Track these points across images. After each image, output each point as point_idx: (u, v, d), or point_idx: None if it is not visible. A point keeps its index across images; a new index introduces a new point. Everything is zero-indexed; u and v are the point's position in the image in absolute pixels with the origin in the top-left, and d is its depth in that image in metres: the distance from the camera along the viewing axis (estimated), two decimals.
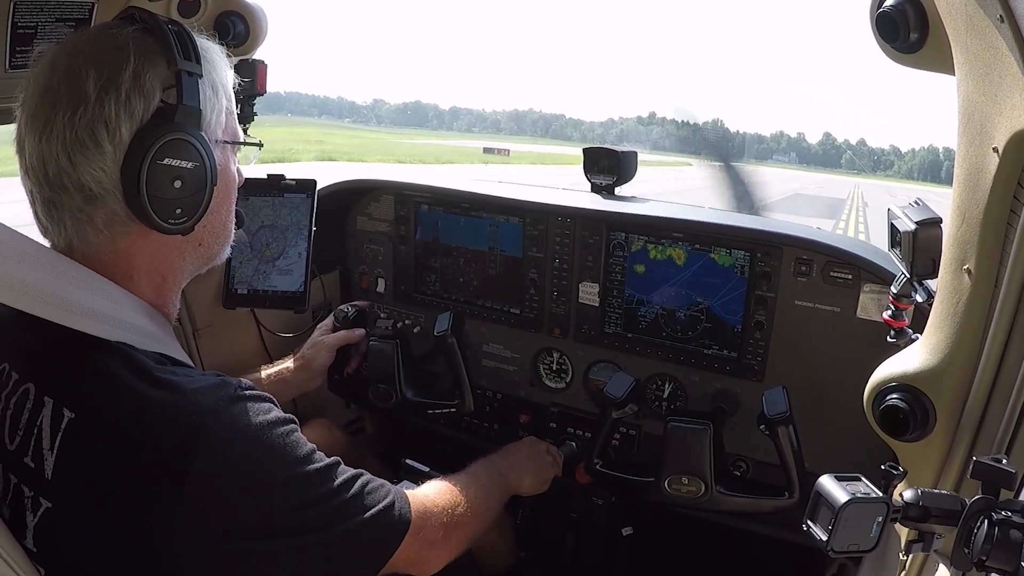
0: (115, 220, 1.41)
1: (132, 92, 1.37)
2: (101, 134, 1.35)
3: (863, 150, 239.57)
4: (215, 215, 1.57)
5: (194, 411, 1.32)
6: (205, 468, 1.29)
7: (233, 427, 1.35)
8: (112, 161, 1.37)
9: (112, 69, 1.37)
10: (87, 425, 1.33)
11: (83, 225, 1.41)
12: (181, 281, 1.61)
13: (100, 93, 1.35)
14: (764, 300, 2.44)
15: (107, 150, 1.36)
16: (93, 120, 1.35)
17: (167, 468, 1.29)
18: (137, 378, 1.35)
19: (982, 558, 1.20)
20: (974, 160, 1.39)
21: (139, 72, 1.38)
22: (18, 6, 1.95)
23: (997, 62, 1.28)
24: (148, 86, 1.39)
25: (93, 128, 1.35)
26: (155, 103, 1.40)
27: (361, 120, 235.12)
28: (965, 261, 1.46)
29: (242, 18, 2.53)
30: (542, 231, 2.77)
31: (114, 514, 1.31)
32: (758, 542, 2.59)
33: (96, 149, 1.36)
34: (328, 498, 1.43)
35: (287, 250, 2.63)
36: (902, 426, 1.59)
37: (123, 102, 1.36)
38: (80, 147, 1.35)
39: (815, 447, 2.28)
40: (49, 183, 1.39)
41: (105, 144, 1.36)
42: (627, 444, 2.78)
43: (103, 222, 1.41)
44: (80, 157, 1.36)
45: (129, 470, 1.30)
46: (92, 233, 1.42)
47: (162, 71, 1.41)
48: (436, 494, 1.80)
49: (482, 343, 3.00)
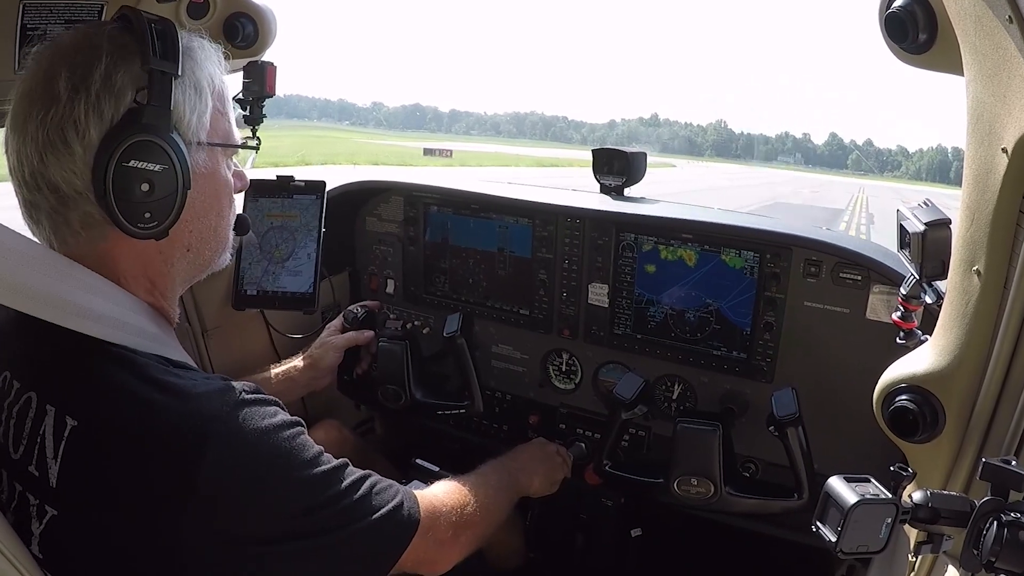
0: (91, 222, 1.40)
1: (102, 92, 1.35)
2: (71, 135, 1.34)
3: (870, 150, 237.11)
4: (202, 220, 1.54)
5: (199, 416, 1.32)
6: (211, 473, 1.28)
7: (239, 431, 1.34)
8: (82, 162, 1.35)
9: (84, 69, 1.35)
10: (90, 432, 1.32)
11: (60, 226, 1.40)
12: (174, 286, 1.58)
13: (71, 93, 1.34)
14: (773, 301, 2.44)
15: (76, 151, 1.34)
16: (63, 121, 1.33)
17: (173, 474, 1.28)
18: (140, 383, 1.34)
19: (991, 559, 1.20)
20: (983, 161, 1.39)
21: (110, 72, 1.36)
22: (27, 8, 1.95)
23: (1006, 63, 1.28)
24: (119, 86, 1.36)
25: (63, 128, 1.33)
26: (126, 103, 1.37)
27: (359, 123, 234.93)
28: (974, 262, 1.45)
29: (251, 20, 2.53)
30: (551, 232, 2.77)
31: (120, 521, 1.31)
32: (767, 543, 2.58)
33: (66, 150, 1.34)
34: (336, 500, 1.43)
35: (296, 251, 2.64)
36: (911, 427, 1.58)
37: (92, 102, 1.34)
38: (51, 148, 1.34)
39: (824, 448, 2.28)
40: (26, 184, 1.38)
41: (75, 145, 1.34)
42: (636, 445, 2.78)
43: (79, 224, 1.40)
44: (51, 158, 1.34)
45: (134, 476, 1.30)
46: (69, 235, 1.41)
47: (135, 71, 1.38)
48: (445, 494, 1.80)
49: (491, 344, 3.00)
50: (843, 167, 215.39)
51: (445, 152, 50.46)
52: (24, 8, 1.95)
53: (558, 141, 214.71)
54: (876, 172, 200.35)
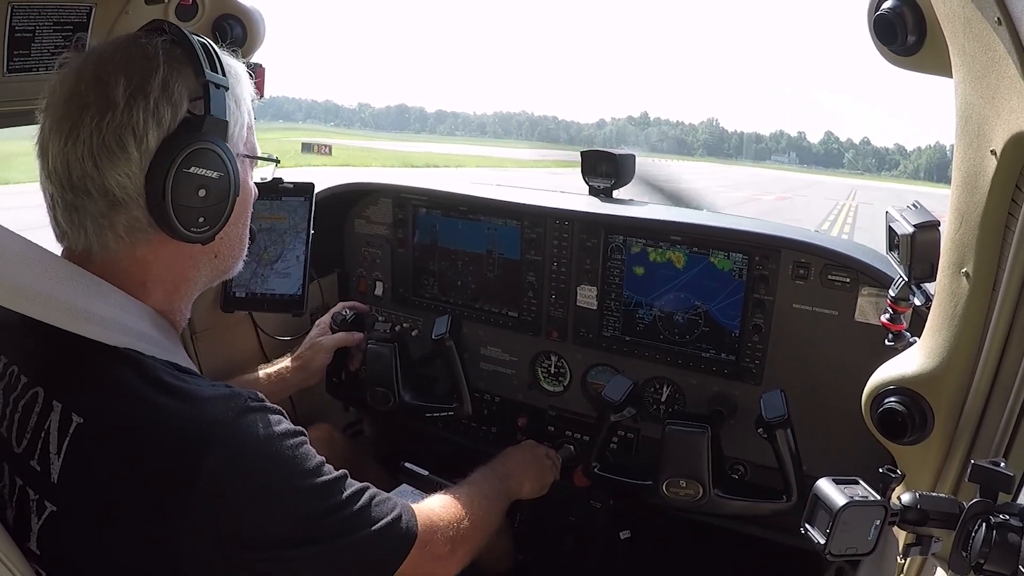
0: (136, 227, 1.42)
1: (161, 100, 1.39)
2: (128, 140, 1.36)
3: (867, 149, 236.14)
4: (233, 227, 1.59)
5: (204, 420, 1.32)
6: (213, 477, 1.29)
7: (242, 437, 1.35)
8: (138, 167, 1.38)
9: (141, 77, 1.38)
10: (95, 431, 1.33)
11: (104, 231, 1.41)
12: (193, 292, 1.61)
13: (129, 100, 1.36)
14: (762, 303, 2.44)
15: (133, 156, 1.37)
16: (121, 126, 1.36)
17: (175, 476, 1.29)
18: (147, 384, 1.35)
19: (980, 561, 1.20)
20: (972, 162, 1.39)
21: (168, 81, 1.40)
22: (16, 10, 1.95)
23: (995, 64, 1.28)
24: (176, 95, 1.40)
25: (121, 134, 1.36)
26: (182, 112, 1.41)
27: (345, 124, 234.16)
28: (963, 264, 1.46)
29: (240, 21, 2.52)
30: (540, 234, 2.77)
31: (120, 520, 1.31)
32: (756, 545, 2.58)
33: (123, 155, 1.36)
34: (336, 510, 1.44)
35: (285, 253, 2.63)
36: (900, 429, 1.59)
37: (151, 110, 1.38)
38: (107, 152, 1.36)
39: (813, 450, 2.28)
40: (72, 187, 1.39)
41: (132, 150, 1.37)
42: (625, 447, 2.78)
43: (124, 228, 1.42)
44: (106, 162, 1.36)
45: (136, 477, 1.30)
46: (113, 239, 1.42)
47: (190, 81, 1.43)
48: (442, 508, 1.81)
49: (480, 346, 3.00)
50: (839, 166, 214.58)
51: (323, 148, 48.20)
52: (13, 10, 1.94)
53: (544, 141, 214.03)
54: (873, 171, 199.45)
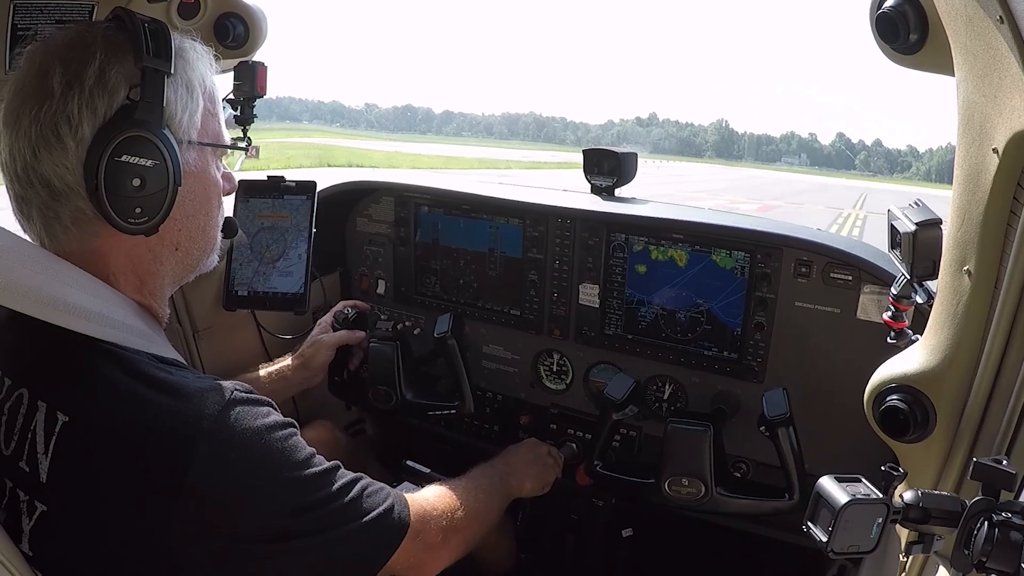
0: (82, 218, 1.40)
1: (96, 88, 1.36)
2: (64, 130, 1.35)
3: (879, 151, 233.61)
4: (191, 219, 1.55)
5: (190, 414, 1.31)
6: (202, 471, 1.28)
7: (231, 430, 1.34)
8: (75, 157, 1.36)
9: (78, 65, 1.36)
10: (81, 428, 1.32)
11: (51, 222, 1.41)
12: (163, 286, 1.58)
13: (65, 89, 1.35)
14: (764, 301, 2.44)
15: (69, 146, 1.35)
16: (56, 116, 1.34)
17: (164, 471, 1.28)
18: (130, 379, 1.34)
19: (982, 559, 1.20)
20: (974, 161, 1.39)
21: (104, 68, 1.37)
22: (18, 8, 1.95)
23: (997, 63, 1.28)
24: (113, 82, 1.38)
25: (56, 124, 1.34)
26: (119, 100, 1.38)
27: (351, 124, 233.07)
28: (965, 262, 1.46)
29: (242, 20, 2.53)
30: (542, 232, 2.77)
31: (110, 517, 1.30)
32: (758, 544, 2.58)
33: (59, 145, 1.35)
34: (327, 501, 1.43)
35: (287, 252, 2.63)
36: (902, 427, 1.59)
37: (86, 98, 1.35)
38: (44, 143, 1.35)
39: (815, 448, 2.28)
40: (19, 178, 1.39)
41: (68, 140, 1.35)
42: (627, 446, 2.78)
43: (70, 219, 1.40)
44: (44, 153, 1.35)
45: (125, 473, 1.30)
46: (60, 231, 1.42)
47: (129, 68, 1.39)
48: (436, 498, 1.80)
49: (482, 345, 3.00)
50: (851, 168, 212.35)
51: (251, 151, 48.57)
52: (15, 8, 1.95)
53: (551, 143, 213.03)
54: (886, 173, 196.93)
